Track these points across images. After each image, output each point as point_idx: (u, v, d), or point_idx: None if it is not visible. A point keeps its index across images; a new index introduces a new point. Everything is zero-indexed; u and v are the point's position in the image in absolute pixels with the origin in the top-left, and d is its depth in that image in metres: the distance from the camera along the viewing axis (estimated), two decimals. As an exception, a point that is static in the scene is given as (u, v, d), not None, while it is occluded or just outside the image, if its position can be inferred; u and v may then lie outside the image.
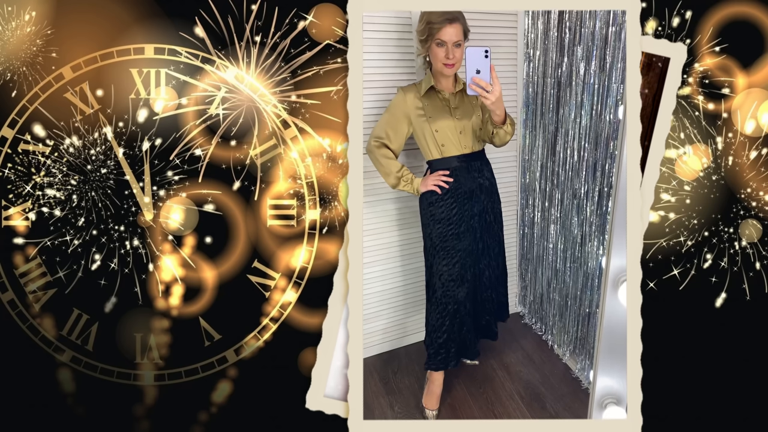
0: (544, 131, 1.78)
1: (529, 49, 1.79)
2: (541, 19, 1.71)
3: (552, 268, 1.85)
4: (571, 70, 1.59)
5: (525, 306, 2.06)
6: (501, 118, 1.42)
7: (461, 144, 1.53)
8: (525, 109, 1.86)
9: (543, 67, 1.72)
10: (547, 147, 1.78)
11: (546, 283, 1.90)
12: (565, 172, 1.70)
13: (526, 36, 1.79)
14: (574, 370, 1.74)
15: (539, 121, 1.79)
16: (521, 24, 1.79)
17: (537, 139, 1.83)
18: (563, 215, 1.75)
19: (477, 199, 1.58)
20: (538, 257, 1.93)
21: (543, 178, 1.83)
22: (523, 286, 2.06)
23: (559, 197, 1.76)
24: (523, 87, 1.84)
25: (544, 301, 1.93)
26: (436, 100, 1.51)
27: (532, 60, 1.78)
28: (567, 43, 1.60)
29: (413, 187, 1.55)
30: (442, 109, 1.51)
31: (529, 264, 1.99)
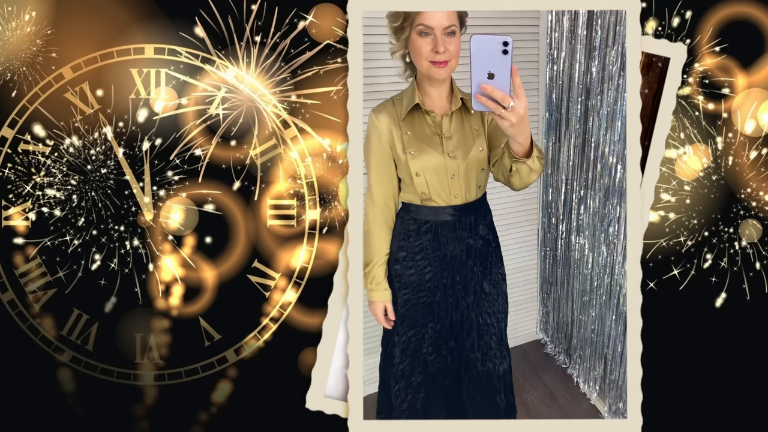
0: (569, 143, 1.54)
1: (553, 50, 1.55)
2: (567, 15, 1.48)
3: (578, 297, 1.63)
4: (602, 76, 1.37)
5: (547, 334, 1.82)
6: (524, 147, 0.97)
7: (451, 192, 1.13)
8: (548, 117, 1.61)
9: (569, 71, 1.50)
10: (573, 161, 1.54)
11: (570, 311, 1.68)
12: (594, 191, 1.46)
13: (549, 35, 1.56)
14: (603, 413, 1.56)
15: (564, 132, 1.55)
16: (544, 22, 1.56)
17: (561, 152, 1.58)
18: (591, 239, 1.52)
19: (462, 265, 1.18)
20: (562, 282, 1.69)
21: (567, 197, 1.59)
22: (545, 312, 1.82)
23: (586, 220, 1.53)
24: (546, 92, 1.60)
25: (568, 329, 1.70)
26: (422, 126, 1.11)
27: (556, 62, 1.54)
28: (599, 44, 1.37)
29: (369, 294, 1.16)
30: (429, 140, 1.11)
31: (552, 288, 1.75)
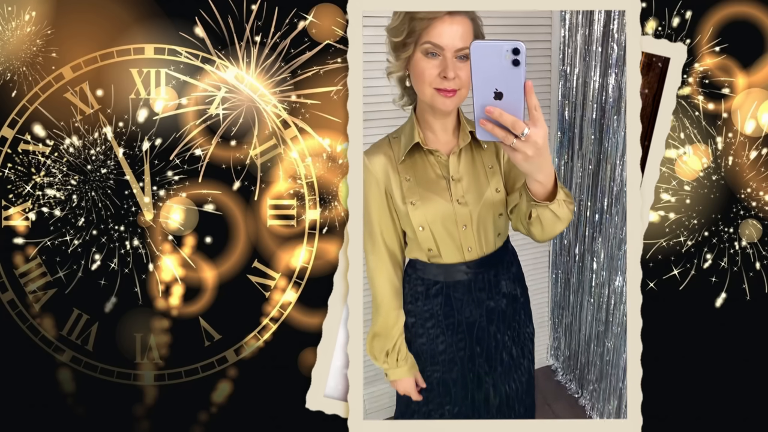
0: (582, 165, 1.44)
1: (566, 66, 1.46)
2: (581, 31, 1.39)
3: (592, 325, 1.53)
4: (619, 95, 1.30)
5: (558, 360, 1.71)
6: (546, 188, 0.78)
7: (464, 245, 0.94)
8: (560, 135, 1.50)
9: (583, 88, 1.40)
10: (586, 183, 1.43)
11: (583, 339, 1.57)
12: (610, 216, 1.37)
13: (562, 50, 1.47)
14: None
15: (577, 151, 1.44)
16: (556, 37, 1.47)
17: (574, 172, 1.47)
18: (607, 266, 1.43)
19: (483, 333, 0.97)
20: (574, 307, 1.58)
21: (581, 218, 1.49)
22: (556, 337, 1.70)
23: (600, 246, 1.42)
24: (558, 110, 1.49)
25: (580, 358, 1.59)
26: (424, 168, 0.93)
27: (569, 79, 1.45)
28: (614, 61, 1.30)
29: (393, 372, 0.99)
30: (434, 185, 0.92)
31: (564, 312, 1.64)
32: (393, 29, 0.91)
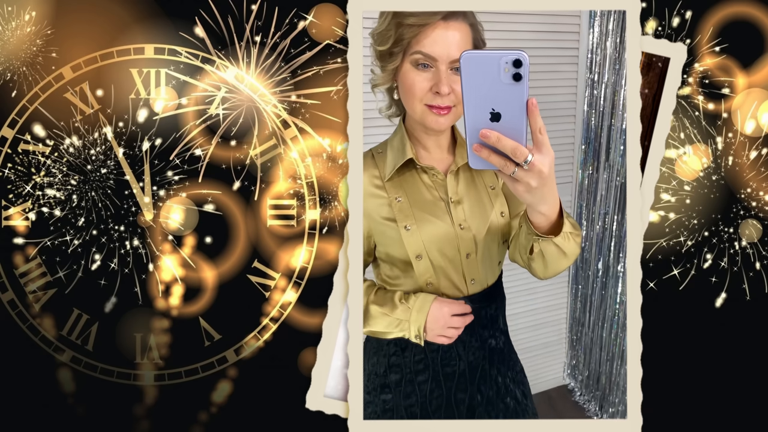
0: (609, 177, 1.37)
1: (593, 74, 1.39)
2: (611, 38, 1.32)
3: (613, 346, 1.46)
4: None
5: (575, 379, 1.61)
6: (550, 219, 0.69)
7: (467, 278, 0.81)
8: (584, 146, 1.43)
9: (612, 97, 1.34)
10: (613, 196, 1.37)
11: (603, 360, 1.49)
12: None
13: (591, 58, 1.40)
14: None
15: (603, 163, 1.37)
16: (584, 45, 1.40)
17: (599, 186, 1.40)
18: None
19: (485, 377, 0.83)
20: (594, 326, 1.50)
21: (606, 233, 1.41)
22: (574, 355, 1.61)
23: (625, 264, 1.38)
24: (584, 119, 1.41)
25: (600, 379, 1.50)
26: (417, 188, 0.81)
27: (597, 87, 1.38)
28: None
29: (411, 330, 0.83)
30: (431, 208, 0.80)
31: (583, 331, 1.55)
32: (378, 35, 0.80)
